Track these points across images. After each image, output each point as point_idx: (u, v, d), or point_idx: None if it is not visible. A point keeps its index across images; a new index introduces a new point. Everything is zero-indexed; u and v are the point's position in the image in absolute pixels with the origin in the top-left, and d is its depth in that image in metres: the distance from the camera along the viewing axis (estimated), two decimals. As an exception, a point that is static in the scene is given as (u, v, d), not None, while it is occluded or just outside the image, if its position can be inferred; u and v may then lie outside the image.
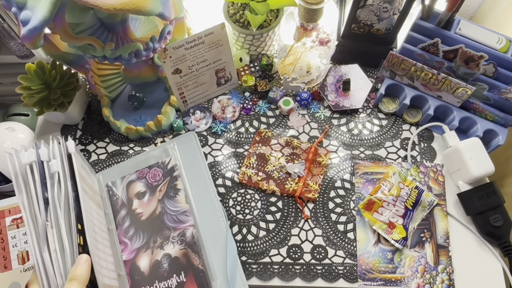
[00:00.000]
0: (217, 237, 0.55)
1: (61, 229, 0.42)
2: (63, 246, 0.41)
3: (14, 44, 0.98)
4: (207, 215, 0.56)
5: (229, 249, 0.54)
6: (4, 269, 0.55)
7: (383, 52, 0.66)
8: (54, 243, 0.41)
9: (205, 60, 0.65)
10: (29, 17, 0.47)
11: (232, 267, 0.53)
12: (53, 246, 0.41)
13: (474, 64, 0.61)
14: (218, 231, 0.55)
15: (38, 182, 0.43)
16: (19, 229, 0.57)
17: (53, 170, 0.44)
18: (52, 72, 0.63)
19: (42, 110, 0.63)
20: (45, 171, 0.43)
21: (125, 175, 0.59)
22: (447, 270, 0.57)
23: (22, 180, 0.42)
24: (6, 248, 0.56)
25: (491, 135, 0.64)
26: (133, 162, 0.61)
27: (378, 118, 0.69)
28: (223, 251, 0.54)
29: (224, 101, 0.70)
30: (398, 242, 0.57)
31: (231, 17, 0.69)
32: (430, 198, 0.60)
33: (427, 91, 0.66)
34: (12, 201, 0.59)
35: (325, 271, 0.57)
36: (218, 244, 0.54)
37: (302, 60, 0.65)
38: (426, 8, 0.63)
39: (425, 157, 0.65)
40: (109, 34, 0.58)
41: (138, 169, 0.59)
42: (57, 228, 0.42)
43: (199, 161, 0.60)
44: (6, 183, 1.05)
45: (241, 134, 0.67)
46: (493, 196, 0.58)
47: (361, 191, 0.62)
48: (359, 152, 0.66)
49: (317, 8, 0.60)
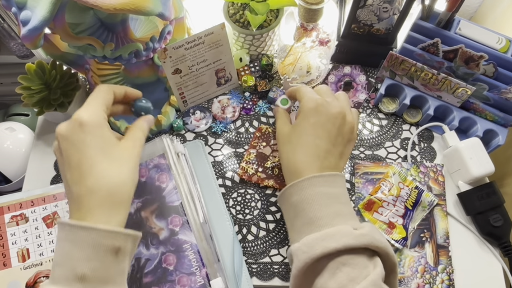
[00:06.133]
0: (224, 241, 0.56)
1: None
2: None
3: (14, 44, 0.98)
4: (215, 219, 0.58)
5: (236, 252, 0.55)
6: (3, 267, 0.54)
7: (383, 52, 0.66)
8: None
9: (205, 60, 0.65)
10: (29, 17, 0.47)
11: (238, 268, 0.54)
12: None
13: (474, 64, 0.61)
14: (226, 235, 0.57)
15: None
16: (19, 226, 0.57)
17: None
18: (52, 72, 0.63)
19: (42, 110, 0.63)
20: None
21: None
22: (447, 270, 0.57)
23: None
24: (5, 245, 0.56)
25: (491, 135, 0.64)
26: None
27: (378, 118, 0.69)
28: (229, 254, 0.55)
29: (224, 101, 0.70)
30: (398, 242, 0.57)
31: (231, 17, 0.69)
32: (430, 198, 0.60)
33: (427, 91, 0.66)
34: (11, 198, 0.59)
35: (325, 271, 0.57)
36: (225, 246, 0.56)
37: (302, 60, 0.65)
38: (426, 8, 0.63)
39: (425, 157, 0.65)
40: (109, 34, 0.58)
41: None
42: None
43: (206, 168, 0.62)
44: (6, 183, 1.05)
45: (241, 134, 0.67)
46: (493, 196, 0.58)
47: (361, 191, 0.62)
48: (359, 152, 0.65)
49: (317, 8, 0.60)
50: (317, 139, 0.49)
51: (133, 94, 0.51)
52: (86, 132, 0.42)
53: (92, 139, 0.42)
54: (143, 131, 0.49)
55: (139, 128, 0.49)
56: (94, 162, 0.41)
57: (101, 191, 0.41)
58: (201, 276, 0.52)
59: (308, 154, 0.49)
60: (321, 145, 0.49)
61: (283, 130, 0.54)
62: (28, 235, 0.57)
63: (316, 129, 0.50)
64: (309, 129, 0.50)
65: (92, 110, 0.43)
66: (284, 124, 0.55)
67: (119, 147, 0.44)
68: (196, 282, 0.52)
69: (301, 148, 0.50)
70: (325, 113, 0.50)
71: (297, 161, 0.49)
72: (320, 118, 0.50)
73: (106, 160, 0.42)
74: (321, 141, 0.49)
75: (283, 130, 0.54)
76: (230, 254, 0.55)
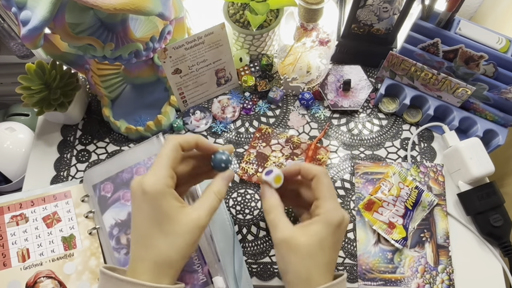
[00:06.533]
0: (224, 241, 0.56)
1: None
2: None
3: (14, 44, 0.98)
4: (215, 219, 0.57)
5: (236, 252, 0.55)
6: (3, 267, 0.54)
7: (383, 52, 0.66)
8: None
9: (205, 60, 0.65)
10: (29, 17, 0.47)
11: (238, 268, 0.54)
12: None
13: (474, 64, 0.61)
14: (225, 235, 0.57)
15: None
16: (19, 226, 0.57)
17: None
18: (52, 72, 0.63)
19: (42, 110, 0.63)
20: None
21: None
22: (447, 270, 0.57)
23: None
24: (5, 245, 0.56)
25: (491, 135, 0.64)
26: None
27: (378, 118, 0.69)
28: (229, 254, 0.55)
29: (224, 101, 0.70)
30: (398, 242, 0.57)
31: (231, 17, 0.69)
32: (430, 198, 0.60)
33: (427, 91, 0.66)
34: (11, 198, 0.59)
35: (325, 271, 0.57)
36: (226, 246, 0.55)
37: (302, 60, 0.65)
38: (426, 8, 0.63)
39: (425, 157, 0.65)
40: (109, 34, 0.58)
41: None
42: None
43: None
44: (6, 183, 1.05)
45: (241, 134, 0.67)
46: (493, 196, 0.58)
47: (361, 191, 0.62)
48: (359, 152, 0.65)
49: (317, 8, 0.60)
50: (335, 252, 0.46)
51: (206, 144, 0.47)
52: (146, 201, 0.42)
53: (151, 211, 0.42)
54: (219, 195, 0.45)
55: (216, 192, 0.45)
56: (148, 234, 0.42)
57: (149, 262, 0.41)
58: (203, 273, 0.52)
59: (325, 271, 0.45)
60: (335, 258, 0.47)
61: (288, 235, 0.45)
62: (28, 235, 0.57)
63: (337, 243, 0.46)
64: (332, 244, 0.45)
65: (157, 176, 0.42)
66: (285, 226, 0.46)
67: (177, 221, 0.42)
68: (199, 279, 0.52)
69: (319, 263, 0.44)
70: (344, 228, 0.47)
71: (311, 274, 0.44)
72: (342, 234, 0.47)
73: (160, 234, 0.42)
74: (336, 253, 0.47)
75: (289, 235, 0.45)
76: (230, 254, 0.55)
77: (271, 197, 0.48)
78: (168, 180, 0.43)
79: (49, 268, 0.55)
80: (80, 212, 0.59)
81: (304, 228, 0.45)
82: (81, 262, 0.56)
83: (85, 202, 0.60)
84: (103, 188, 0.58)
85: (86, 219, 0.58)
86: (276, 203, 0.47)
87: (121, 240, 0.55)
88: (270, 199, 0.48)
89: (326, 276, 0.44)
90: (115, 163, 0.59)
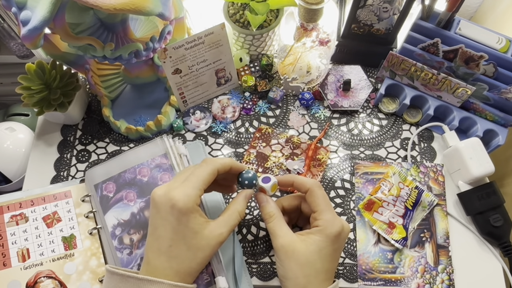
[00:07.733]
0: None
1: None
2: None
3: (14, 44, 0.98)
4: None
5: (236, 252, 0.55)
6: (3, 267, 0.54)
7: (383, 52, 0.66)
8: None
9: (205, 60, 0.65)
10: (29, 17, 0.47)
11: (238, 268, 0.54)
12: None
13: (474, 64, 0.61)
14: None
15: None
16: (19, 225, 0.57)
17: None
18: (52, 72, 0.63)
19: (42, 110, 0.63)
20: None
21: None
22: (447, 270, 0.57)
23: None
24: (5, 245, 0.56)
25: (491, 135, 0.64)
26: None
27: (378, 118, 0.69)
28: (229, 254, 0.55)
29: (224, 101, 0.70)
30: (398, 242, 0.57)
31: (231, 17, 0.69)
32: (430, 198, 0.60)
33: (427, 91, 0.66)
34: (10, 197, 0.59)
35: (325, 271, 0.57)
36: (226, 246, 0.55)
37: (302, 60, 0.65)
38: (426, 8, 0.63)
39: (425, 157, 0.65)
40: (109, 34, 0.58)
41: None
42: None
43: None
44: (6, 183, 1.05)
45: (241, 134, 0.67)
46: (493, 196, 0.58)
47: (361, 191, 0.62)
48: (359, 152, 0.66)
49: (317, 8, 0.60)
50: (334, 261, 0.48)
51: (238, 168, 0.50)
52: (174, 215, 0.44)
53: (176, 224, 0.44)
54: (241, 215, 0.48)
55: (240, 212, 0.48)
56: (171, 244, 0.44)
57: (171, 270, 0.44)
58: (207, 273, 0.52)
59: (324, 279, 0.47)
60: (335, 266, 0.49)
61: (288, 242, 0.47)
62: (28, 235, 0.57)
63: (337, 252, 0.48)
64: (331, 253, 0.47)
65: (189, 196, 0.44)
66: (285, 233, 0.48)
67: (201, 236, 0.45)
68: (204, 279, 0.52)
69: (318, 271, 0.46)
70: (344, 238, 0.49)
71: (309, 282, 0.46)
72: (342, 243, 0.49)
73: (184, 246, 0.44)
74: (336, 262, 0.49)
75: (288, 242, 0.47)
76: (230, 254, 0.55)
77: (269, 204, 0.50)
78: (198, 199, 0.45)
79: (50, 268, 0.55)
80: (81, 212, 0.59)
81: (304, 237, 0.47)
82: (82, 262, 0.56)
83: (85, 202, 0.60)
84: (105, 188, 0.58)
85: (87, 219, 0.58)
86: (275, 211, 0.50)
87: (124, 240, 0.55)
88: (269, 206, 0.50)
89: (324, 284, 0.46)
90: (117, 163, 0.59)
